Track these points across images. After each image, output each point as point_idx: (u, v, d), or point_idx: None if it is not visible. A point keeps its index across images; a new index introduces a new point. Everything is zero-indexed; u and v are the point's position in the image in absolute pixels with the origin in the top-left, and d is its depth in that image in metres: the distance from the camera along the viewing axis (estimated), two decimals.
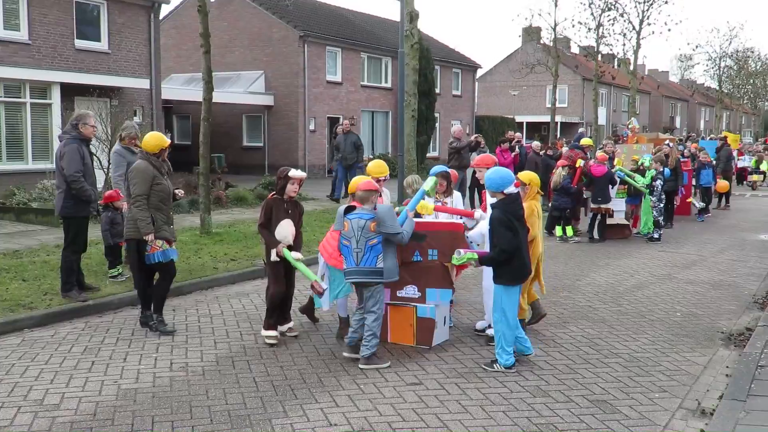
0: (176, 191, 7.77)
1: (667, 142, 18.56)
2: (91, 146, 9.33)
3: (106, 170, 15.65)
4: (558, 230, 14.31)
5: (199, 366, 6.45)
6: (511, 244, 6.22)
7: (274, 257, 6.98)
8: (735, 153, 27.28)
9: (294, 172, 7.00)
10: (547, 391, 5.94)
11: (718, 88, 59.76)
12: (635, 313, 8.58)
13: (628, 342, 7.39)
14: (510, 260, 6.26)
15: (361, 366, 6.40)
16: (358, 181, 6.85)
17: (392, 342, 7.05)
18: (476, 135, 16.40)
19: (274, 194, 7.08)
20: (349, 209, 6.61)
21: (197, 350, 6.92)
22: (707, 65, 69.55)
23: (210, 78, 12.94)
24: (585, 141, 16.54)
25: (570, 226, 14.41)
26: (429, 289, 7.07)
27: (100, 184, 15.91)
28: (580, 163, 14.13)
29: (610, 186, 14.15)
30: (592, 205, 14.14)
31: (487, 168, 7.11)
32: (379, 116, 35.26)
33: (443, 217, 7.73)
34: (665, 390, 6.04)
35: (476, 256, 6.37)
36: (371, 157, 18.25)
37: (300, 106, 29.81)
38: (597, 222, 14.23)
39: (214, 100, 13.23)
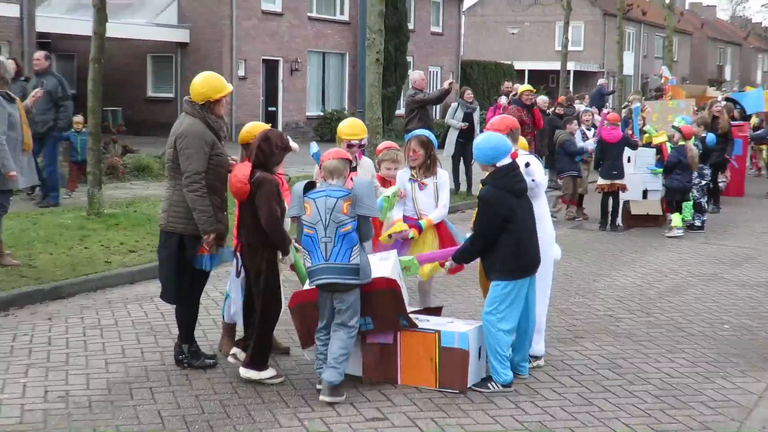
0: (231, 160, 7.07)
1: (718, 98, 18.68)
2: None
3: None
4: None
5: (84, 395, 6.38)
6: (487, 229, 6.56)
7: (290, 259, 6.82)
8: None
9: (293, 144, 6.82)
10: (553, 429, 5.96)
11: None
12: (670, 326, 8.67)
13: (661, 363, 7.46)
14: (485, 249, 6.63)
15: (323, 398, 6.22)
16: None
17: (404, 384, 6.66)
18: (449, 81, 15.94)
19: (260, 170, 6.53)
20: (310, 186, 6.43)
21: (82, 374, 6.83)
22: None
23: (103, 4, 12.72)
24: (524, 88, 16.54)
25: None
26: None
27: None
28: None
29: (630, 150, 14.22)
30: (603, 181, 14.05)
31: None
32: (333, 59, 35.13)
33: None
34: (708, 427, 6.09)
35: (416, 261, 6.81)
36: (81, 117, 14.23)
37: (225, 45, 29.63)
38: (612, 203, 14.29)
39: (108, 34, 13.03)
